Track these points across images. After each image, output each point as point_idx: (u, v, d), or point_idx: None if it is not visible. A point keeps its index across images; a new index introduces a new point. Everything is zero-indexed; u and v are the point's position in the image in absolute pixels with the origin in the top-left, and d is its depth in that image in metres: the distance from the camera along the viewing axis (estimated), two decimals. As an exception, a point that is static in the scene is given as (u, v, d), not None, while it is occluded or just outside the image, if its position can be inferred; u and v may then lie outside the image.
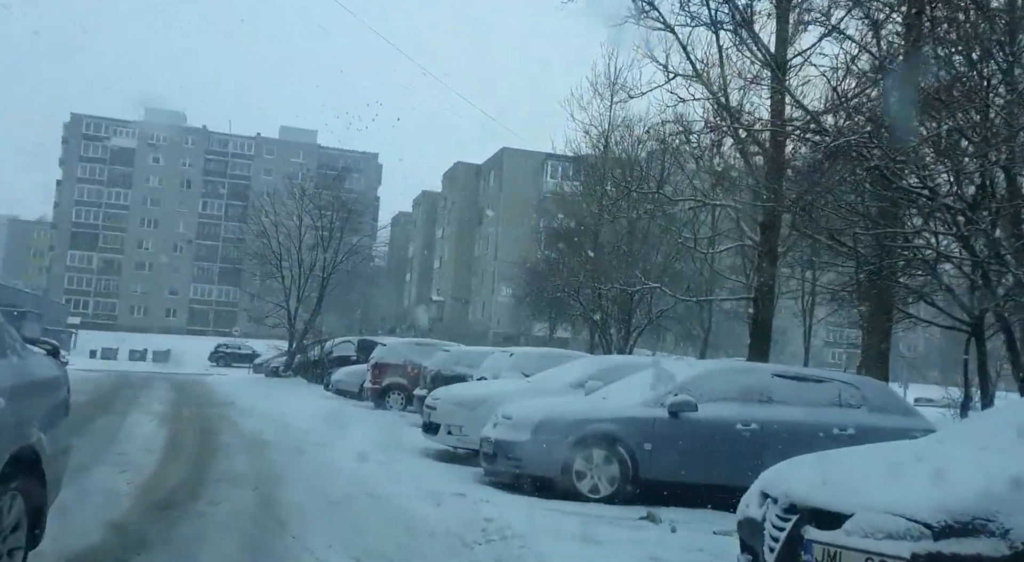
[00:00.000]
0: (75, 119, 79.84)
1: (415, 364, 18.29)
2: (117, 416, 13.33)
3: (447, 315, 56.49)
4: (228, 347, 52.37)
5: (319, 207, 30.44)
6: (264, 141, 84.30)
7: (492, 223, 54.37)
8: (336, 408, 17.42)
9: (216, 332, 71.98)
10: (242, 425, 13.09)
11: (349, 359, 27.38)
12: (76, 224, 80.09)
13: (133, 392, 19.98)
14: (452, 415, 10.69)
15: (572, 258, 24.99)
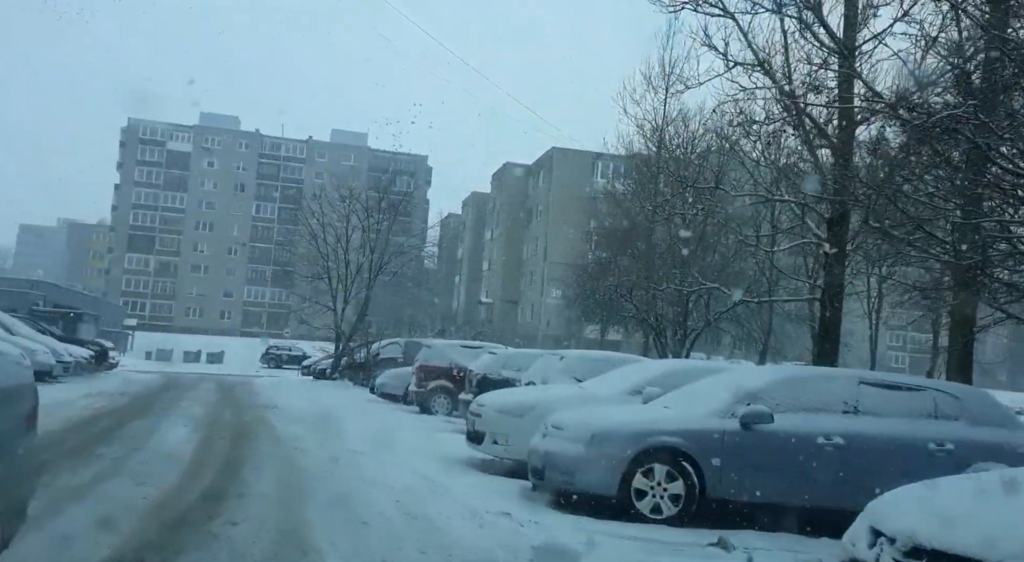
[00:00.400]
0: (132, 124, 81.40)
1: (460, 367, 17.58)
2: (153, 420, 12.83)
3: (496, 317, 55.79)
4: (279, 349, 52.43)
5: (367, 208, 29.99)
6: (315, 144, 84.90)
7: (541, 224, 53.53)
8: (379, 413, 16.77)
9: (269, 334, 72.44)
10: (279, 430, 12.48)
11: (395, 361, 26.85)
12: (133, 227, 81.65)
13: (177, 394, 19.62)
14: (498, 423, 9.90)
15: (625, 258, 24.01)
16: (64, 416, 11.98)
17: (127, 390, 19.09)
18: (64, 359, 19.31)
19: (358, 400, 19.95)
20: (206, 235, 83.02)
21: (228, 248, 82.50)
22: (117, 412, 13.62)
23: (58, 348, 19.40)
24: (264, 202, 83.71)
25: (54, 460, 8.20)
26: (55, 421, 11.31)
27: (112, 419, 12.48)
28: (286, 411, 15.76)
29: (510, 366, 14.41)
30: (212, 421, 13.34)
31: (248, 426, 12.93)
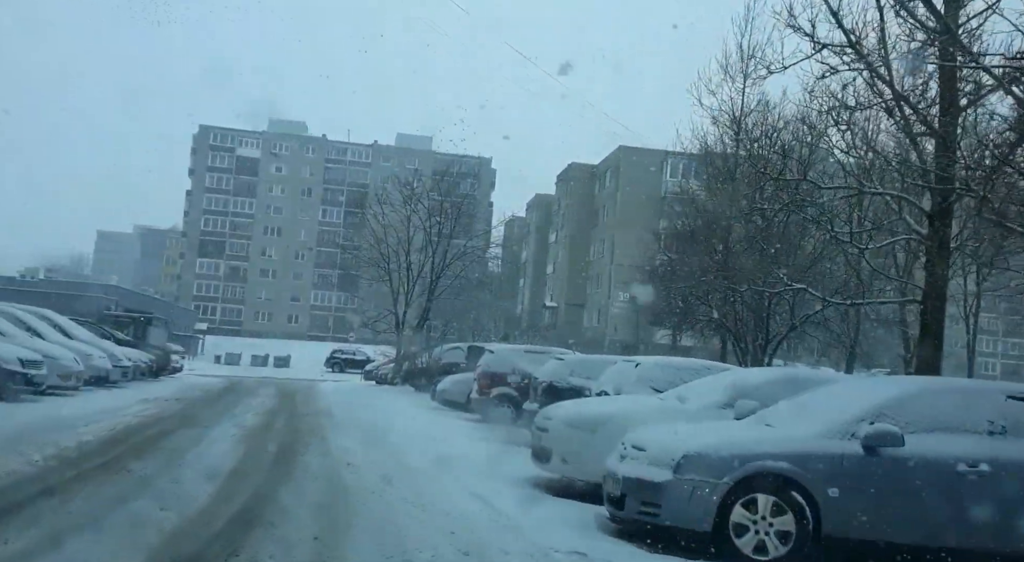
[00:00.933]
0: (203, 130, 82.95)
1: (525, 373, 16.49)
2: (200, 429, 12.09)
3: (561, 321, 54.60)
4: (343, 353, 52.24)
5: (429, 209, 29.26)
6: (381, 148, 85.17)
7: (608, 225, 52.17)
8: (438, 422, 15.78)
9: (335, 338, 72.80)
10: (331, 442, 11.59)
11: (458, 366, 25.97)
12: (204, 232, 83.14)
13: (234, 400, 19.04)
14: (567, 440, 8.77)
15: (702, 258, 22.55)
16: (108, 425, 11.32)
17: (184, 395, 18.57)
18: (122, 364, 18.90)
19: (418, 408, 19.05)
20: (274, 240, 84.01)
21: (295, 252, 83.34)
22: (166, 420, 12.94)
23: (116, 352, 19.02)
24: (330, 206, 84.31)
25: (76, 478, 7.42)
26: (97, 431, 10.66)
27: (157, 428, 11.77)
28: (341, 420, 14.93)
29: (579, 373, 13.25)
30: (262, 431, 12.55)
31: (299, 437, 12.08)
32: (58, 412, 12.14)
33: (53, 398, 14.22)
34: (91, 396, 15.48)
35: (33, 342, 15.01)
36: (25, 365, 13.13)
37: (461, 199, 32.09)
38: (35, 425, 10.51)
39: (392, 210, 30.22)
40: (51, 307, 38.44)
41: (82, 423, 11.23)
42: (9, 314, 16.13)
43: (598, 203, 55.15)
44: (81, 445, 9.28)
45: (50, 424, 10.76)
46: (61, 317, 19.00)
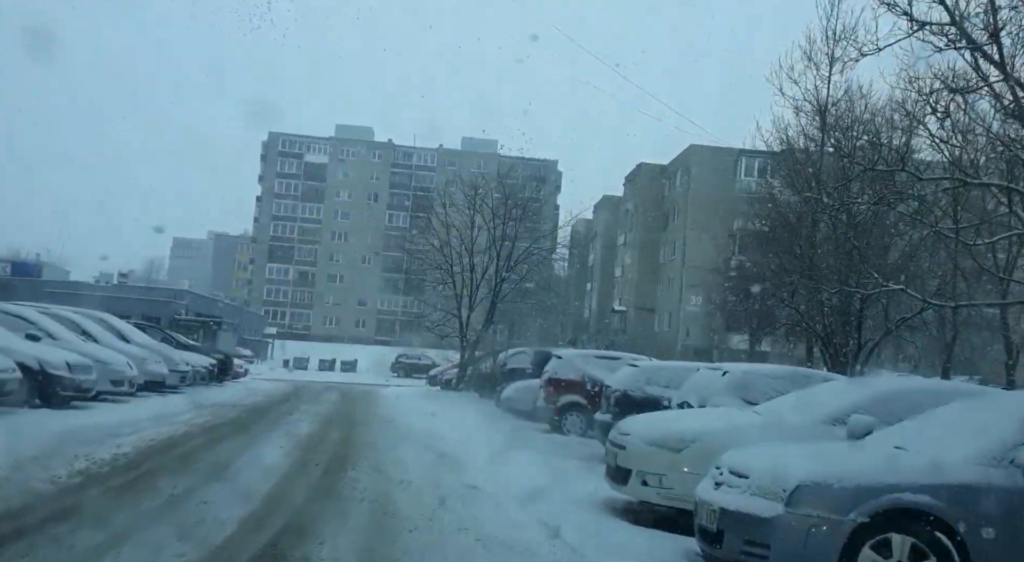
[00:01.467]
0: (272, 137, 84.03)
1: (595, 380, 15.37)
2: (249, 439, 11.35)
3: (631, 326, 53.06)
4: (408, 358, 51.88)
5: (493, 209, 28.38)
6: (446, 152, 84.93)
7: (679, 227, 50.46)
8: (502, 432, 14.76)
9: (401, 342, 72.65)
10: (386, 455, 10.70)
11: (524, 372, 25.03)
12: (274, 238, 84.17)
13: (292, 406, 18.42)
14: (649, 459, 7.64)
15: (784, 258, 21.01)
16: (151, 434, 10.65)
17: (242, 402, 18.02)
18: (180, 368, 18.45)
19: (481, 416, 18.07)
20: (341, 245, 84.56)
21: (362, 257, 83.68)
22: (215, 429, 12.26)
23: (174, 357, 18.59)
24: (396, 211, 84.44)
25: (95, 500, 6.64)
26: (137, 441, 9.97)
27: (204, 438, 11.06)
28: (400, 429, 14.06)
29: (655, 381, 12.08)
30: (315, 442, 11.73)
31: (352, 449, 11.22)
32: (103, 420, 11.52)
33: (103, 404, 13.71)
34: (144, 402, 14.96)
35: (85, 346, 14.55)
36: (73, 370, 12.61)
37: (526, 201, 31.08)
38: (74, 434, 9.86)
39: (456, 211, 29.44)
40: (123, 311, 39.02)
41: (125, 432, 10.59)
42: (63, 317, 15.77)
43: (668, 204, 53.49)
44: (115, 458, 8.56)
45: (91, 433, 10.11)
46: (119, 320, 18.68)
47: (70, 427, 10.35)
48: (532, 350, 26.53)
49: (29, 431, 9.68)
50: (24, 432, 9.58)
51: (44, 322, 14.25)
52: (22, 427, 10.00)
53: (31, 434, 9.44)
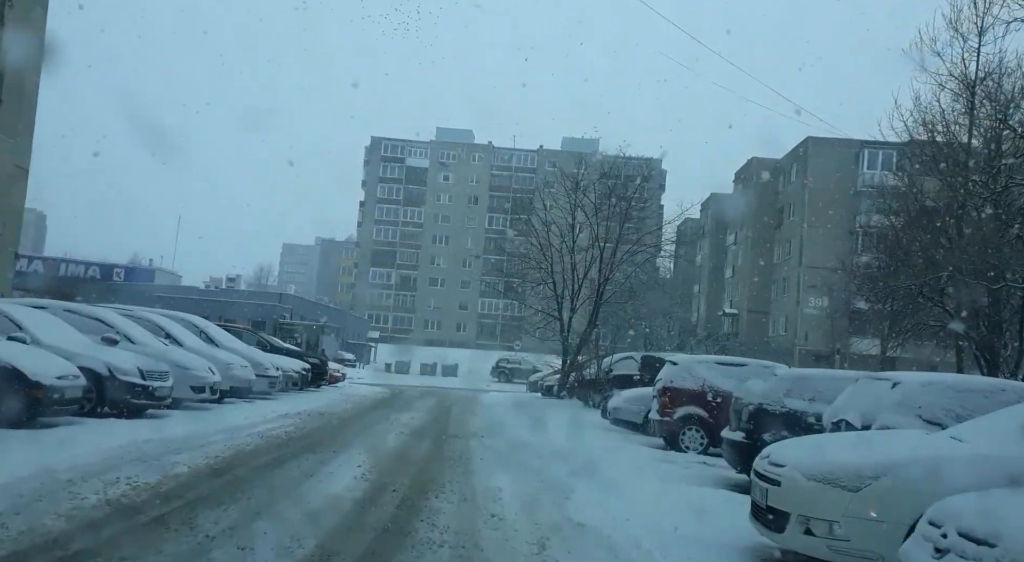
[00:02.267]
0: (374, 142, 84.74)
1: (718, 391, 13.48)
2: (326, 456, 10.04)
3: (743, 329, 50.19)
4: (509, 362, 50.61)
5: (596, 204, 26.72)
6: (546, 153, 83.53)
7: (794, 224, 47.31)
8: (610, 449, 13.03)
9: (502, 346, 71.69)
10: (477, 478, 9.18)
11: (631, 379, 23.26)
12: (376, 242, 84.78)
13: (383, 414, 17.22)
14: (814, 499, 5.79)
15: (931, 251, 18.46)
16: (218, 449, 9.49)
17: (331, 410, 16.94)
18: (269, 374, 17.55)
19: (586, 428, 16.37)
20: (442, 248, 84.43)
21: (463, 261, 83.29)
22: (291, 443, 11.03)
23: (264, 361, 17.71)
24: (496, 214, 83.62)
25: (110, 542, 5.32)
26: (198, 458, 8.78)
27: (275, 454, 9.82)
28: (497, 443, 12.54)
29: (798, 393, 10.10)
30: (399, 458, 10.33)
31: (440, 469, 9.74)
32: (170, 432, 10.48)
33: (180, 413, 12.78)
34: (224, 410, 14.00)
35: (165, 350, 13.71)
36: (146, 376, 11.67)
37: (629, 199, 29.19)
38: (128, 451, 8.78)
39: (556, 206, 27.91)
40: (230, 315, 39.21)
41: (189, 447, 9.46)
42: (146, 320, 15.02)
43: (783, 200, 50.33)
44: (161, 482, 7.34)
45: (149, 449, 9.02)
46: (207, 323, 17.95)
47: (128, 441, 9.29)
48: (639, 355, 24.69)
49: (79, 446, 8.65)
50: (73, 447, 8.55)
51: (123, 325, 13.45)
52: (74, 441, 9.00)
53: (79, 450, 8.39)
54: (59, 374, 9.92)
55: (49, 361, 10.07)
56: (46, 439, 8.96)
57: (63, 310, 13.05)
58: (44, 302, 13.33)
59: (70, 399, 10.04)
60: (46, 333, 11.36)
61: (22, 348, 10.09)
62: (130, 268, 55.44)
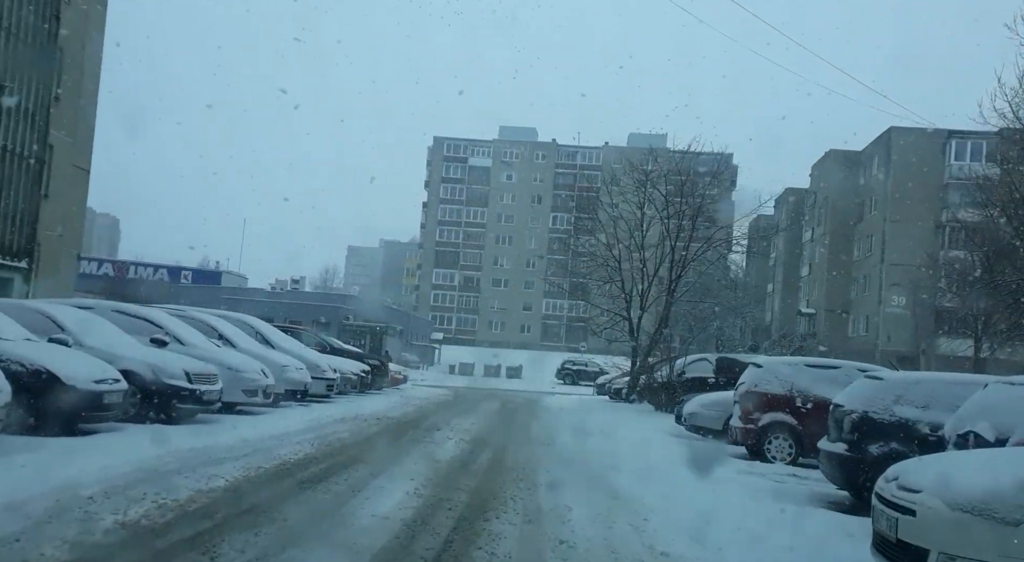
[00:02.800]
0: (437, 142, 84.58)
1: (809, 395, 12.24)
2: (379, 467, 9.22)
3: (821, 329, 48.00)
4: (574, 364, 49.51)
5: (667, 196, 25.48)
6: (611, 150, 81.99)
7: (876, 219, 44.99)
8: (690, 458, 11.89)
9: (567, 347, 70.62)
10: (543, 494, 8.21)
11: (705, 382, 22.01)
12: (439, 243, 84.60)
13: (445, 418, 16.38)
14: (961, 534, 4.68)
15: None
16: (263, 459, 8.76)
17: (389, 414, 16.19)
18: (326, 376, 16.92)
19: (660, 434, 15.23)
20: (506, 249, 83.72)
21: (527, 261, 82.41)
22: (343, 451, 10.25)
23: (321, 363, 17.09)
24: (560, 213, 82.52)
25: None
26: (240, 471, 8.04)
27: (324, 465, 9.02)
28: (564, 453, 11.54)
29: (909, 400, 8.84)
30: (456, 472, 9.43)
31: (502, 483, 8.80)
32: (215, 439, 9.80)
33: (231, 418, 12.15)
34: (277, 415, 13.36)
35: (216, 352, 13.15)
36: (193, 379, 11.05)
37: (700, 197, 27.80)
38: (164, 462, 8.10)
39: (624, 200, 26.75)
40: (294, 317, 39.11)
41: (232, 456, 8.76)
42: (199, 321, 14.51)
43: (863, 194, 47.96)
44: (192, 499, 6.58)
45: (188, 460, 8.33)
46: (265, 324, 17.43)
47: (166, 450, 8.62)
48: (714, 357, 23.39)
49: (112, 456, 7.99)
50: (104, 457, 7.88)
51: (173, 326, 12.91)
52: (107, 450, 8.34)
53: (110, 461, 7.72)
54: (97, 377, 9.33)
55: (87, 363, 9.50)
56: (79, 448, 8.33)
57: (111, 311, 12.58)
58: (91, 302, 12.90)
59: (109, 404, 9.44)
60: (90, 334, 10.84)
61: (59, 350, 9.53)
62: (197, 271, 56.22)
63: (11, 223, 20.03)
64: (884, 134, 44.28)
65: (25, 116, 20.21)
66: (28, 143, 20.44)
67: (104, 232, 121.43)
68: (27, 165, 20.49)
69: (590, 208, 27.70)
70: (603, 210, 27.20)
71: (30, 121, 20.38)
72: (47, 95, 21.00)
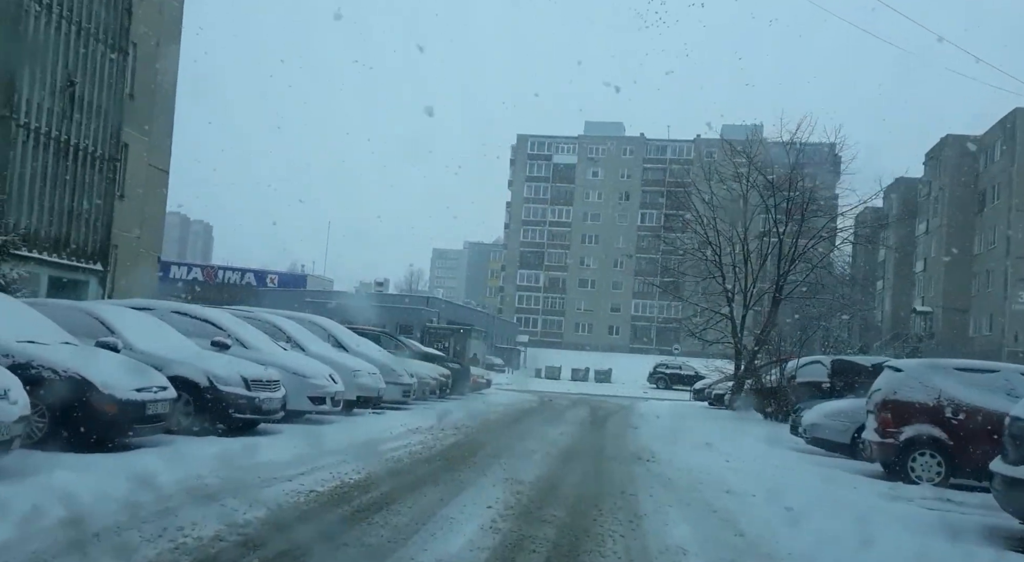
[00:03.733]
0: (520, 140, 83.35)
1: (962, 404, 10.31)
2: (449, 491, 7.87)
3: (939, 329, 44.46)
4: (668, 367, 47.39)
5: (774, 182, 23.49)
6: (704, 143, 79.15)
7: (1000, 209, 41.33)
8: (818, 478, 10.10)
9: (658, 350, 68.37)
10: (648, 528, 6.68)
11: (819, 387, 19.94)
12: (523, 244, 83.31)
13: (529, 428, 14.99)
14: None
15: None
16: (319, 479, 7.57)
17: (469, 421, 14.89)
18: (402, 381, 15.78)
19: (778, 449, 13.38)
20: (592, 248, 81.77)
21: (614, 260, 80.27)
22: (413, 468, 8.94)
23: (396, 368, 15.97)
24: (649, 210, 80.00)
25: None
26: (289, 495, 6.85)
27: (386, 487, 7.72)
28: (669, 472, 9.92)
29: (1119, 414, 6.92)
30: (541, 497, 7.96)
31: (598, 512, 7.29)
32: (270, 454, 8.65)
33: (294, 428, 11.07)
34: (346, 424, 12.22)
35: (283, 356, 12.13)
36: (251, 386, 9.98)
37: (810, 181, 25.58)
38: (208, 482, 6.95)
39: (724, 187, 24.84)
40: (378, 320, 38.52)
41: (286, 475, 7.59)
42: (266, 322, 13.54)
43: (984, 182, 44.22)
44: (222, 532, 5.38)
45: (236, 478, 7.18)
46: (337, 326, 16.40)
47: (210, 469, 7.47)
48: (828, 359, 21.24)
49: (146, 476, 6.85)
50: (136, 478, 6.76)
51: (236, 327, 11.93)
52: (143, 469, 7.22)
53: (139, 484, 6.59)
54: (140, 385, 8.29)
55: (130, 369, 8.48)
56: (108, 467, 7.21)
57: (170, 312, 11.67)
58: (151, 303, 12.04)
59: (154, 415, 8.38)
60: (142, 337, 9.89)
61: (100, 355, 8.54)
62: (283, 274, 56.60)
63: (84, 224, 19.67)
64: (1008, 116, 40.62)
65: (98, 113, 19.83)
66: (101, 141, 20.07)
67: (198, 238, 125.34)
68: (100, 164, 20.11)
69: (686, 198, 25.72)
70: (700, 197, 25.26)
71: (103, 118, 20.00)
72: (120, 91, 20.61)
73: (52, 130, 18.72)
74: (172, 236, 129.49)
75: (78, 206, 19.60)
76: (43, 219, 18.59)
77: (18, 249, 17.40)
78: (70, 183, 19.36)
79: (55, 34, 18.53)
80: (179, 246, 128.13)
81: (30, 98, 18.02)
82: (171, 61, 25.97)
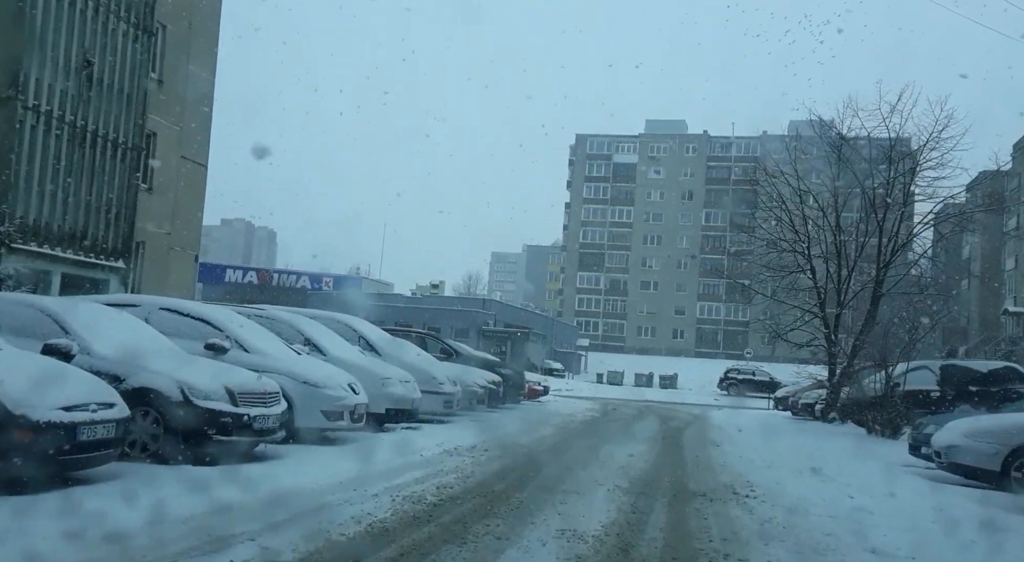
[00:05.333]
0: (579, 140, 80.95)
1: None
2: (489, 542, 5.61)
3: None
4: (740, 373, 44.42)
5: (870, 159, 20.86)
6: (769, 139, 75.60)
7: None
8: (979, 526, 7.51)
9: (726, 355, 65.12)
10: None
11: (928, 396, 17.36)
12: (583, 245, 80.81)
13: (590, 446, 12.67)
14: None
15: None
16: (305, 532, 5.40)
17: (520, 438, 12.67)
18: (442, 390, 13.64)
19: (903, 476, 10.75)
20: (654, 249, 78.76)
21: (677, 262, 77.12)
22: (437, 512, 6.69)
23: (437, 375, 13.83)
24: (713, 209, 76.67)
25: None
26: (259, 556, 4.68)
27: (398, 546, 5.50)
28: (780, 517, 7.46)
29: None
30: (613, 554, 5.62)
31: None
32: (253, 491, 6.56)
33: (300, 450, 9.00)
34: (365, 446, 10.11)
35: (293, 361, 10.11)
36: (238, 401, 7.92)
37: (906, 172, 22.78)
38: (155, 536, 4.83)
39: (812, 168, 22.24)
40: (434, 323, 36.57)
41: (264, 525, 5.47)
42: (282, 321, 11.57)
43: (1088, 168, 40.28)
44: None
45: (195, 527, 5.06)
46: (369, 326, 14.37)
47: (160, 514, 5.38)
48: (937, 364, 18.52)
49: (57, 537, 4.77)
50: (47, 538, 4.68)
51: (236, 327, 9.92)
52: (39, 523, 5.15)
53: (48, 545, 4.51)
54: (71, 402, 6.25)
55: (62, 382, 6.45)
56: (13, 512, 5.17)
57: (158, 309, 9.72)
58: (138, 299, 10.18)
59: (91, 442, 6.34)
60: (106, 340, 7.95)
61: (19, 362, 6.54)
62: (340, 277, 55.36)
63: (104, 217, 18.10)
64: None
65: (119, 97, 18.25)
66: (123, 128, 18.48)
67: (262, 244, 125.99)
68: (122, 152, 18.51)
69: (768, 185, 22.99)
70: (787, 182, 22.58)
71: (125, 103, 18.40)
72: (144, 75, 19.01)
73: (66, 114, 17.19)
74: (237, 242, 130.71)
75: (96, 198, 18.04)
76: (55, 211, 17.04)
77: (22, 242, 15.83)
78: (87, 172, 17.82)
79: (68, 8, 16.99)
80: (244, 251, 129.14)
81: (40, 78, 16.48)
82: (206, 50, 24.34)
